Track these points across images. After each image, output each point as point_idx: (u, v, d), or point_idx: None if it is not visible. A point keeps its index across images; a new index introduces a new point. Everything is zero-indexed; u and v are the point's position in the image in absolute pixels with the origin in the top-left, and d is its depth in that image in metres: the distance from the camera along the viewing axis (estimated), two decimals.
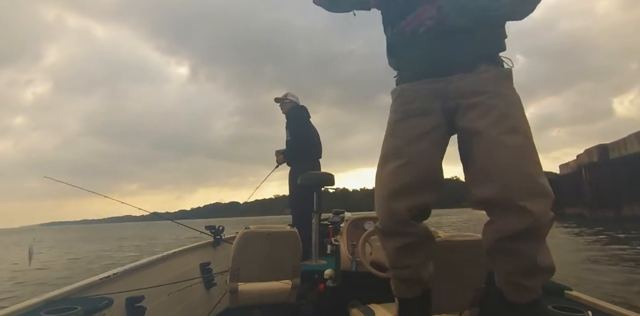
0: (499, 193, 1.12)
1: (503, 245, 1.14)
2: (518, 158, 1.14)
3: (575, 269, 6.63)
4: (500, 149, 1.15)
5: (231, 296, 2.07)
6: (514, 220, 1.10)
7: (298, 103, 4.11)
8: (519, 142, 1.16)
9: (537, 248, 1.13)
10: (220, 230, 3.19)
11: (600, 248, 9.46)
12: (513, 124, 1.18)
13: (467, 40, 1.27)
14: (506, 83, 1.28)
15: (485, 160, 1.18)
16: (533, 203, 1.08)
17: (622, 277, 5.65)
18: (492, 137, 1.17)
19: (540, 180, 1.12)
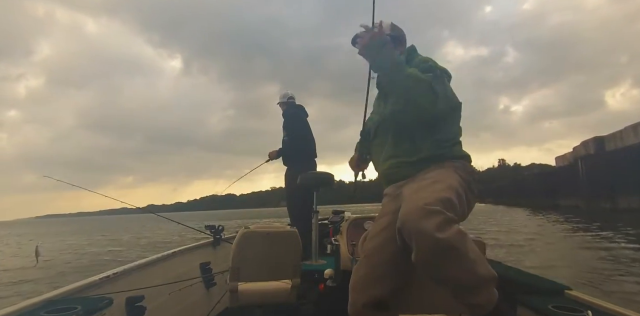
0: (398, 224, 1.19)
1: (422, 269, 1.19)
2: (412, 194, 1.27)
3: (571, 262, 6.65)
4: (410, 193, 1.30)
5: (231, 296, 2.08)
6: (413, 244, 1.15)
7: (295, 103, 4.15)
8: (423, 184, 1.32)
9: (455, 265, 1.13)
10: (220, 229, 3.19)
11: (596, 241, 9.48)
12: (425, 177, 1.38)
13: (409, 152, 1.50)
14: (440, 169, 1.43)
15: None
16: (419, 223, 1.13)
17: (620, 272, 5.65)
18: (404, 192, 1.37)
19: (428, 205, 1.16)
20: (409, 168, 1.50)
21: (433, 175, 1.40)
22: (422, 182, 1.35)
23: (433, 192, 1.26)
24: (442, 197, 1.24)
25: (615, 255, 6.98)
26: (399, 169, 1.53)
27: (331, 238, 2.76)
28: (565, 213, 20.42)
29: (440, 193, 1.26)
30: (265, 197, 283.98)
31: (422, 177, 1.42)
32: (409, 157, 1.51)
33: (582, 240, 9.55)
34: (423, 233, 1.12)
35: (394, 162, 1.54)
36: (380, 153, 1.61)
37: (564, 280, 1.82)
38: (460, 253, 1.13)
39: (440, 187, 1.30)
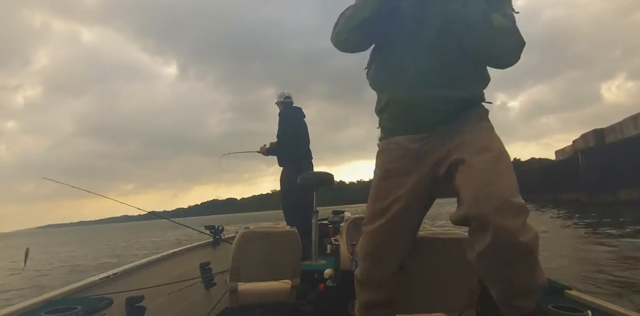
0: (472, 211, 1.09)
1: (486, 266, 1.12)
2: (489, 174, 1.11)
3: (572, 260, 6.57)
4: (471, 170, 1.15)
5: (231, 296, 2.08)
6: (489, 238, 1.06)
7: (291, 105, 4.15)
8: (489, 158, 1.15)
9: (524, 270, 1.08)
10: (220, 230, 3.19)
11: (598, 235, 9.41)
12: (482, 143, 1.20)
13: (445, 86, 1.26)
14: (482, 123, 1.30)
15: (462, 182, 1.16)
16: (505, 220, 1.04)
17: (620, 268, 5.57)
18: (465, 163, 1.17)
19: (514, 197, 1.08)
20: (452, 109, 1.27)
21: (483, 136, 1.23)
22: (485, 155, 1.16)
23: (509, 175, 1.14)
24: (516, 184, 1.14)
25: (619, 251, 6.88)
26: (442, 107, 1.26)
27: (331, 238, 2.75)
28: (566, 207, 20.42)
29: (514, 178, 1.15)
30: (266, 199, 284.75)
31: (470, 137, 1.22)
32: (459, 89, 1.27)
33: (586, 236, 9.45)
34: (507, 233, 1.03)
35: (439, 94, 1.26)
36: (411, 68, 1.28)
37: (566, 280, 1.77)
38: (532, 258, 1.08)
39: (508, 165, 1.17)
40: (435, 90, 1.25)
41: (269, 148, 4.04)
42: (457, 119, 1.27)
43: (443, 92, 1.25)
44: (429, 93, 1.25)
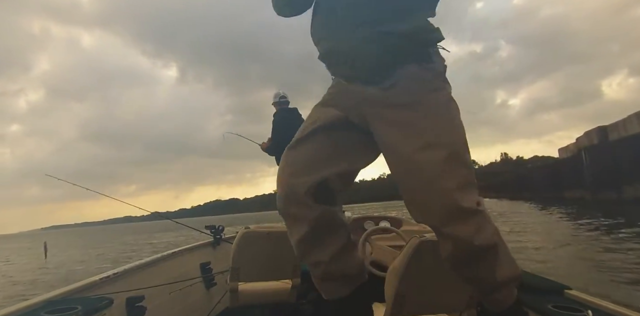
0: (423, 219, 1.08)
1: (451, 268, 1.11)
2: (435, 177, 1.03)
3: (574, 260, 6.48)
4: (415, 169, 1.07)
5: (231, 296, 2.08)
6: (446, 245, 1.05)
7: (286, 107, 4.15)
8: (436, 158, 1.05)
9: (486, 268, 1.07)
10: (220, 229, 3.19)
11: (603, 235, 9.31)
12: (430, 139, 1.07)
13: (375, 22, 1.11)
14: (430, 86, 1.14)
15: (404, 181, 1.10)
16: (455, 228, 1.01)
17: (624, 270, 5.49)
18: (406, 155, 1.08)
19: (460, 199, 1.01)
20: (391, 52, 1.12)
21: (437, 123, 1.09)
22: (432, 152, 1.05)
23: (459, 173, 1.05)
24: (469, 176, 1.08)
25: (623, 253, 6.78)
26: (375, 48, 1.11)
27: None
28: (570, 205, 20.30)
29: (464, 175, 1.06)
30: (268, 199, 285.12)
31: (418, 120, 1.09)
32: (395, 22, 1.10)
33: (592, 236, 9.33)
34: (461, 241, 1.02)
35: (371, 34, 1.11)
36: (338, 12, 1.16)
37: (568, 279, 1.78)
38: (493, 256, 1.07)
39: (460, 162, 1.07)
40: (365, 30, 1.12)
41: (268, 145, 4.07)
42: (403, 73, 1.13)
43: (375, 30, 1.11)
44: (359, 35, 1.13)
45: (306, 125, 1.27)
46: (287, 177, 1.21)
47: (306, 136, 1.24)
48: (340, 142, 1.23)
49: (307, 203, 1.17)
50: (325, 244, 1.22)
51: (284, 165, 1.24)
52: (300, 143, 1.25)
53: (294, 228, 1.22)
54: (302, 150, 1.23)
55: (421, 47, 1.15)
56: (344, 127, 1.23)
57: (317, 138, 1.23)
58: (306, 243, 1.22)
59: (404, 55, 1.13)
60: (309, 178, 1.18)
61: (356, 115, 1.21)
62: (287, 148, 1.27)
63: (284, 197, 1.20)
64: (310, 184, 1.17)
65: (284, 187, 1.20)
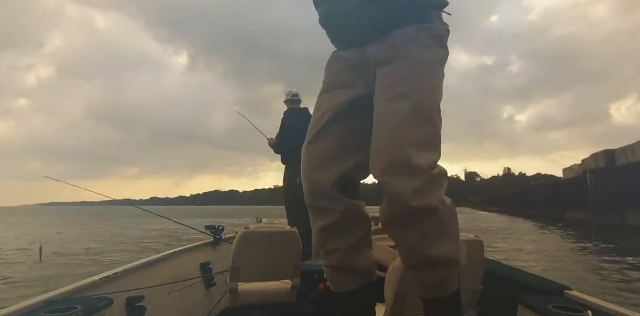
0: (372, 170, 1.04)
1: (383, 226, 1.06)
2: (395, 126, 1.01)
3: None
4: (381, 119, 1.05)
5: (231, 296, 2.08)
6: (385, 202, 1.00)
7: (297, 106, 4.13)
8: (402, 108, 1.02)
9: (417, 236, 1.00)
10: (220, 229, 3.20)
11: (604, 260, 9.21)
12: (402, 89, 1.04)
13: None
14: (419, 43, 1.11)
15: (373, 134, 1.07)
16: (396, 180, 0.96)
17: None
18: (378, 106, 1.08)
19: (412, 154, 0.96)
20: (389, 12, 1.12)
21: (413, 76, 1.07)
22: (401, 103, 1.03)
23: (420, 128, 1.01)
24: (432, 135, 1.04)
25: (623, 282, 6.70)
26: (377, 8, 1.12)
27: None
28: (572, 227, 20.17)
29: (426, 133, 1.02)
30: (267, 194, 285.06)
31: (398, 73, 1.08)
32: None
33: (593, 260, 9.23)
34: (397, 196, 0.96)
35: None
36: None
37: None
38: (431, 224, 0.98)
39: (425, 117, 1.03)
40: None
41: (275, 143, 4.05)
42: (395, 31, 1.12)
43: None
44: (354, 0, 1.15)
45: (317, 117, 1.25)
46: (310, 172, 1.20)
47: (321, 129, 1.22)
48: (357, 128, 1.20)
49: (334, 197, 1.16)
50: (347, 234, 1.20)
51: (306, 160, 1.22)
52: (318, 136, 1.23)
53: (319, 218, 1.20)
54: (321, 143, 1.21)
55: (422, 9, 1.14)
56: (356, 109, 1.20)
57: (333, 129, 1.21)
58: (329, 231, 1.20)
59: (403, 17, 1.12)
60: (332, 171, 1.16)
61: (363, 85, 1.19)
62: (306, 143, 1.25)
63: (310, 191, 1.19)
64: (335, 177, 1.16)
65: (309, 182, 1.19)
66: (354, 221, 1.21)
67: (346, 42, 1.25)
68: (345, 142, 1.20)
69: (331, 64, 1.30)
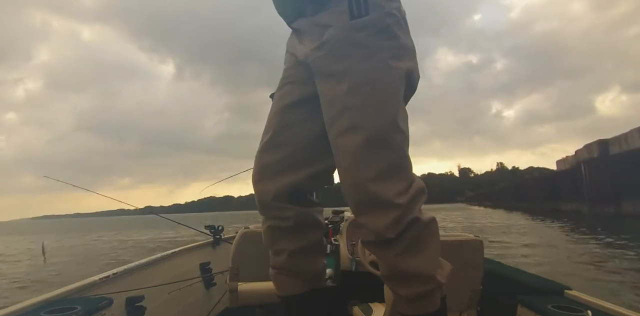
0: (350, 206, 1.00)
1: (365, 247, 1.07)
2: (350, 164, 0.95)
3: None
4: (337, 155, 0.99)
5: (231, 296, 2.07)
6: (364, 231, 0.99)
7: None
8: (354, 143, 0.94)
9: (395, 254, 0.97)
10: (220, 229, 3.17)
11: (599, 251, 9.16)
12: (351, 120, 0.95)
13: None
14: (361, 51, 0.96)
15: (336, 164, 1.03)
16: (369, 218, 0.95)
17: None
18: (331, 139, 1.00)
19: (376, 189, 0.92)
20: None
21: (340, 87, 0.96)
22: (333, 107, 0.97)
23: (367, 157, 0.94)
24: (395, 159, 0.96)
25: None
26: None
27: (331, 238, 2.69)
28: (567, 218, 20.23)
29: (391, 150, 0.95)
30: None
31: (324, 77, 1.00)
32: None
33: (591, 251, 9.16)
34: (372, 230, 0.95)
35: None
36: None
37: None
38: (408, 246, 0.96)
39: (368, 141, 0.94)
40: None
41: None
42: (324, 16, 1.01)
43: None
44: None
45: (268, 119, 1.17)
46: (255, 183, 1.15)
47: (272, 136, 1.13)
48: (311, 132, 1.11)
49: (279, 207, 1.12)
50: (297, 237, 1.16)
51: (254, 170, 1.16)
52: (269, 144, 1.14)
53: (268, 221, 1.17)
54: (270, 152, 1.13)
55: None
56: (309, 110, 1.10)
57: (285, 135, 1.12)
58: (278, 231, 1.16)
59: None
60: (277, 183, 1.10)
61: (314, 83, 1.07)
62: (257, 150, 1.17)
63: (257, 202, 1.16)
64: (279, 190, 1.10)
65: (255, 192, 1.15)
66: (305, 227, 1.17)
67: (282, 14, 1.14)
68: (298, 152, 1.11)
69: (286, 56, 1.19)
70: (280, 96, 1.15)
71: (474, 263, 1.51)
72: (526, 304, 1.56)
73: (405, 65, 0.99)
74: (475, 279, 1.53)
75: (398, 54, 0.98)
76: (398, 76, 0.98)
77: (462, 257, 1.48)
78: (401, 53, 0.99)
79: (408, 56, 1.02)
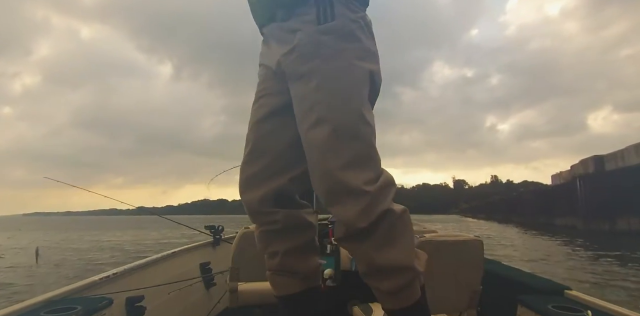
0: (320, 198, 1.04)
1: (336, 241, 1.09)
2: (319, 155, 1.00)
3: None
4: (307, 148, 1.04)
5: (231, 296, 2.08)
6: (336, 224, 1.04)
7: None
8: (321, 135, 0.99)
9: (370, 247, 0.99)
10: (220, 229, 3.19)
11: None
12: (319, 114, 1.00)
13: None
14: (327, 52, 1.04)
15: (308, 163, 1.07)
16: (339, 208, 0.98)
17: None
18: (302, 134, 1.05)
19: (345, 178, 0.96)
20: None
21: (308, 87, 1.03)
22: (318, 128, 1.00)
23: (335, 148, 0.98)
24: (361, 149, 1.00)
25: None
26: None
27: (331, 238, 2.63)
28: (561, 233, 20.21)
29: (357, 141, 1.00)
30: None
31: (305, 82, 1.04)
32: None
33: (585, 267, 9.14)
34: (344, 221, 0.98)
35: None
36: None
37: None
38: (381, 236, 0.98)
39: (334, 133, 0.98)
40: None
41: None
42: (302, 34, 1.05)
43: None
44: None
45: (247, 135, 1.21)
46: (241, 194, 1.19)
47: (252, 149, 1.18)
48: (287, 140, 1.15)
49: (268, 212, 1.15)
50: (288, 238, 1.19)
51: (240, 183, 1.20)
52: (250, 156, 1.18)
53: (259, 226, 1.21)
54: (253, 163, 1.17)
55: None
56: (283, 120, 1.15)
57: (263, 145, 1.17)
58: (270, 234, 1.19)
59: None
60: (260, 192, 1.14)
61: (287, 91, 1.12)
62: (241, 164, 1.21)
63: (247, 211, 1.19)
64: (263, 196, 1.14)
65: (243, 203, 1.19)
66: (295, 228, 1.19)
67: (255, 18, 1.22)
68: (278, 159, 1.16)
69: (259, 70, 1.24)
70: (256, 110, 1.19)
71: (474, 263, 1.53)
72: (526, 304, 1.57)
73: (368, 66, 1.06)
74: (475, 279, 1.54)
75: (361, 55, 1.06)
76: (362, 74, 1.05)
77: (462, 257, 1.51)
78: (364, 55, 1.07)
79: (371, 59, 1.08)
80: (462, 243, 1.52)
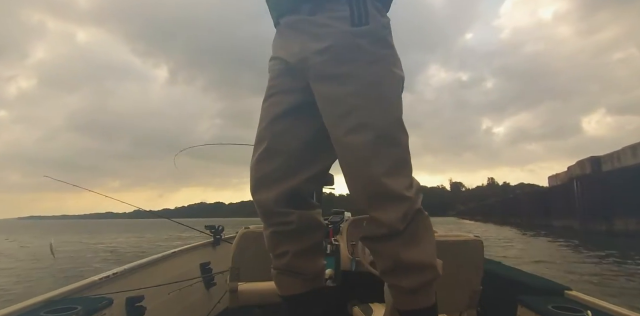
0: (357, 202, 1.06)
1: (361, 240, 1.11)
2: (361, 161, 1.00)
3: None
4: (345, 152, 1.03)
5: (231, 296, 2.07)
6: (372, 227, 1.03)
7: None
8: (365, 141, 0.99)
9: (398, 245, 1.01)
10: (220, 229, 3.18)
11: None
12: (360, 119, 1.00)
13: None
14: (366, 57, 1.03)
15: (340, 163, 1.08)
16: (381, 212, 0.99)
17: None
18: (337, 137, 1.04)
19: (389, 184, 0.98)
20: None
21: (347, 88, 1.02)
22: (339, 107, 1.02)
23: (377, 153, 0.99)
24: (401, 155, 1.03)
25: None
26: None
27: (331, 238, 2.66)
28: (559, 234, 20.25)
29: (398, 147, 1.02)
30: (253, 207, 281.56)
31: (329, 80, 1.04)
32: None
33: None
34: (385, 224, 0.99)
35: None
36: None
37: None
38: (409, 237, 1.01)
39: (377, 139, 0.99)
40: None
41: None
42: (337, 33, 1.03)
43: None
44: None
45: (259, 131, 1.18)
46: (253, 193, 1.17)
47: (267, 147, 1.15)
48: (303, 140, 1.15)
49: (281, 212, 1.14)
50: (298, 239, 1.19)
51: (251, 182, 1.18)
52: (263, 155, 1.16)
53: (270, 227, 1.19)
54: (267, 162, 1.15)
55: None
56: (299, 118, 1.14)
57: (278, 144, 1.14)
58: (280, 235, 1.18)
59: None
60: (276, 191, 1.13)
61: (303, 89, 1.11)
62: (254, 161, 1.18)
63: (259, 211, 1.18)
64: (279, 196, 1.13)
65: (255, 202, 1.18)
66: (306, 229, 1.19)
67: (273, 8, 1.18)
68: (293, 158, 1.14)
69: (271, 67, 1.20)
70: (269, 106, 1.17)
71: (474, 263, 1.53)
72: (526, 304, 1.57)
73: (400, 73, 1.08)
74: (475, 279, 1.54)
75: (395, 62, 1.07)
76: (399, 82, 1.07)
77: (462, 257, 1.51)
78: (397, 62, 1.08)
79: (400, 66, 1.10)
80: (462, 243, 1.53)
